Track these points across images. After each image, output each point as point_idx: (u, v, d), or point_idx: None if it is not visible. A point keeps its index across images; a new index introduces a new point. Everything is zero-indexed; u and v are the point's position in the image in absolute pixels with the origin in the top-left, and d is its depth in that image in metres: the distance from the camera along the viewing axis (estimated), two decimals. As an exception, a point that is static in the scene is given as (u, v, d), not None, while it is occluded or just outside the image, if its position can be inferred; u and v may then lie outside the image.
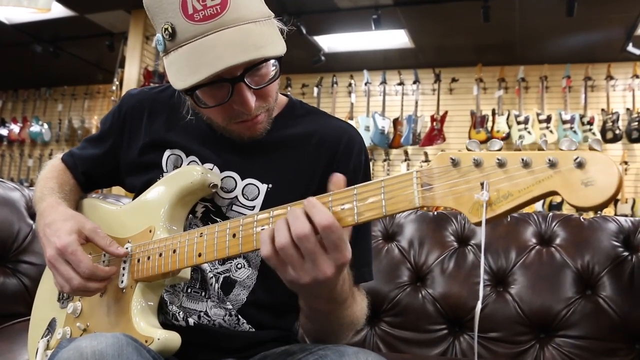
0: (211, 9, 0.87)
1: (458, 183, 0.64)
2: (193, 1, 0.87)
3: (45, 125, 7.78)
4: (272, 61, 0.96)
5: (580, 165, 0.56)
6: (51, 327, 1.14)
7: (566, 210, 5.20)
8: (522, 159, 0.59)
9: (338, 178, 0.77)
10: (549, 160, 0.58)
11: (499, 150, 0.63)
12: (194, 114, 1.10)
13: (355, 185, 0.72)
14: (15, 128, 7.94)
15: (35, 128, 7.78)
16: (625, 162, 5.52)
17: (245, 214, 1.05)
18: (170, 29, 0.90)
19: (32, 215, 1.70)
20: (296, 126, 1.13)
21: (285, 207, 0.78)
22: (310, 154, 1.09)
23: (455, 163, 0.64)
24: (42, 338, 1.13)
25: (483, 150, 0.63)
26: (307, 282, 0.75)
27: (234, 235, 0.84)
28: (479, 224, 0.61)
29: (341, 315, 0.94)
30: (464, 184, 0.63)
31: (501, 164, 0.61)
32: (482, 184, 0.62)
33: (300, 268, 0.74)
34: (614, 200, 0.55)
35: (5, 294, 1.57)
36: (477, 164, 0.62)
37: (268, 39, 0.91)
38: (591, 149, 0.58)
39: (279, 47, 0.93)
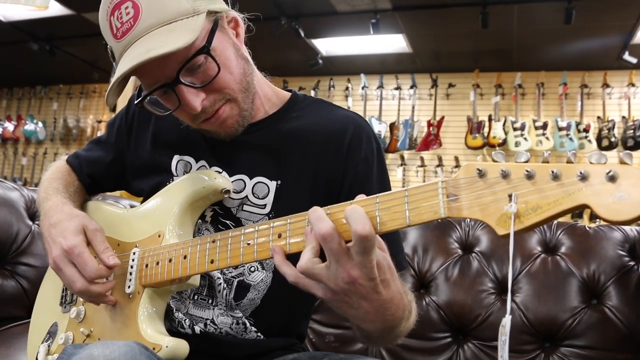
0: (127, 24, 0.89)
1: (485, 194, 0.62)
2: (114, 21, 0.90)
3: (40, 124, 7.74)
4: (205, 56, 0.91)
5: (612, 178, 0.55)
6: (52, 332, 1.12)
7: (561, 218, 5.21)
8: (552, 171, 0.58)
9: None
10: (580, 173, 0.57)
11: (526, 162, 0.62)
12: None
13: (378, 195, 0.70)
14: (10, 126, 7.89)
15: (29, 126, 7.73)
16: (621, 170, 5.54)
17: (256, 213, 1.04)
18: (110, 52, 0.94)
19: (32, 216, 1.68)
20: (300, 119, 1.10)
21: (303, 215, 0.77)
22: (317, 146, 1.06)
23: (481, 174, 0.63)
24: (42, 343, 1.11)
25: (510, 162, 0.62)
26: (339, 289, 0.72)
27: (248, 243, 0.82)
28: (506, 236, 0.60)
29: (395, 332, 0.89)
30: (491, 195, 0.62)
31: (530, 176, 0.60)
32: (510, 196, 0.60)
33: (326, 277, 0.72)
34: (648, 214, 0.54)
35: (3, 296, 1.55)
36: (505, 175, 0.61)
37: (172, 38, 0.87)
38: (622, 162, 0.57)
39: (180, 42, 0.86)
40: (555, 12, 4.63)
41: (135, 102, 0.98)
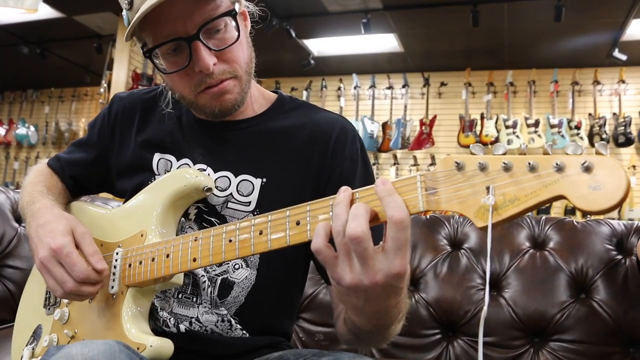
0: None
1: (463, 187, 0.62)
2: None
3: (32, 128, 7.70)
4: (232, 23, 0.96)
5: (587, 169, 0.55)
6: (36, 334, 1.11)
7: (554, 213, 5.24)
8: (529, 163, 0.58)
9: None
10: (556, 164, 0.57)
11: (504, 154, 0.62)
12: (178, 108, 1.11)
13: (358, 189, 0.70)
14: (1, 130, 7.85)
15: (21, 130, 7.70)
16: (612, 167, 5.58)
17: (241, 210, 1.04)
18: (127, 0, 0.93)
19: (18, 219, 1.67)
20: (286, 119, 1.11)
21: (283, 211, 0.76)
22: (303, 146, 1.08)
23: (460, 167, 0.62)
24: (27, 346, 1.10)
25: (488, 155, 0.62)
26: (351, 284, 0.68)
27: (230, 240, 0.81)
28: (484, 228, 0.60)
29: (386, 333, 0.87)
30: (469, 188, 0.62)
31: (507, 168, 0.59)
32: (487, 188, 0.60)
33: (348, 265, 0.68)
34: (622, 204, 0.54)
35: (-10, 299, 1.53)
36: (483, 167, 0.61)
37: None
38: (598, 153, 0.57)
39: None
40: (545, 10, 4.65)
41: (144, 50, 0.98)
